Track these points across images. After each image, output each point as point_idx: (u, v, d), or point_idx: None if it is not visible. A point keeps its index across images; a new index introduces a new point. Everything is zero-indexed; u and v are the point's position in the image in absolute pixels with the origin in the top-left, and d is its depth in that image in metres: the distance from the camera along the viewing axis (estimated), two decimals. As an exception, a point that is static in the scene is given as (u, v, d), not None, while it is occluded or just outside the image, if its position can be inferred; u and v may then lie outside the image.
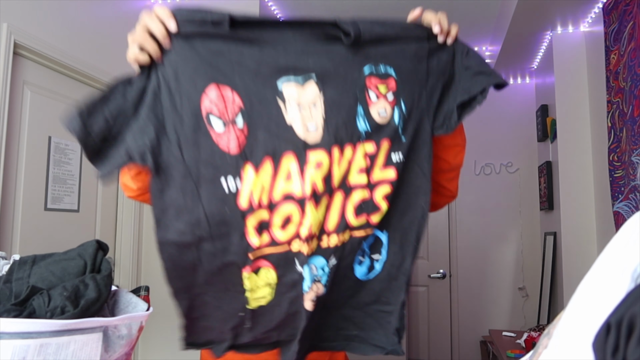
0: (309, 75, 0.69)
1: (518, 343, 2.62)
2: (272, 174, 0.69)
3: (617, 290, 0.40)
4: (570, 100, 2.96)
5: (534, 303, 3.62)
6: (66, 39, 2.38)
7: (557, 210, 3.04)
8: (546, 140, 3.40)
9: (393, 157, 0.75)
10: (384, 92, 0.74)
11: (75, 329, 0.65)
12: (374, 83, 0.73)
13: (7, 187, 2.10)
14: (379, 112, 0.74)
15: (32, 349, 0.60)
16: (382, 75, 0.74)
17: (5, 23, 2.02)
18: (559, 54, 3.01)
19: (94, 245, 0.76)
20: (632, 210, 2.20)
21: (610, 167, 2.43)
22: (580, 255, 2.85)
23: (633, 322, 0.34)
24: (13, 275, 0.71)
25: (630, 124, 2.19)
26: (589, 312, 0.41)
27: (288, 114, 0.69)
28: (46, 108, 2.33)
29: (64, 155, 2.43)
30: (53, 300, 0.66)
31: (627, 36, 2.23)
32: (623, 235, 0.43)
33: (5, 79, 2.03)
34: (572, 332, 0.42)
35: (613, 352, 0.35)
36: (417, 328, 3.86)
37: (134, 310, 0.80)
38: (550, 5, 2.65)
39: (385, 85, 0.74)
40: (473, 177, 3.89)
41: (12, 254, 1.19)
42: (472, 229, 3.87)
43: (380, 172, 0.75)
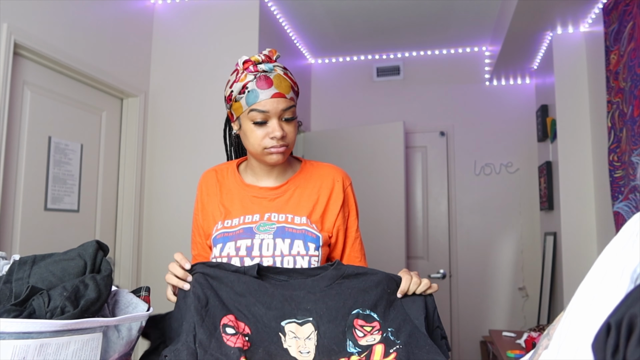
0: (308, 319, 0.89)
1: (518, 343, 2.62)
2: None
3: (616, 291, 0.40)
4: (570, 101, 2.96)
5: (534, 303, 3.62)
6: (66, 39, 2.38)
7: (557, 210, 3.04)
8: (546, 140, 3.40)
9: (390, 350, 0.87)
10: (369, 330, 0.91)
11: (75, 329, 0.65)
12: (359, 324, 0.91)
13: (7, 187, 2.10)
14: (367, 341, 0.90)
15: (32, 349, 0.60)
16: (367, 317, 0.92)
17: (5, 23, 2.02)
18: (559, 54, 3.01)
19: (94, 246, 0.76)
20: (632, 210, 2.20)
21: (610, 167, 2.43)
22: (580, 255, 2.85)
23: (633, 322, 0.34)
24: (13, 275, 0.71)
25: (630, 124, 2.19)
26: (589, 313, 0.41)
27: (286, 342, 0.87)
28: (46, 108, 2.33)
29: (64, 155, 2.43)
30: (53, 300, 0.66)
31: (627, 36, 2.23)
32: (622, 236, 0.43)
33: (5, 79, 2.03)
34: (572, 333, 0.42)
35: (613, 353, 0.35)
36: (417, 328, 3.87)
37: (134, 310, 0.80)
38: (550, 6, 2.65)
39: (370, 327, 0.91)
40: (473, 177, 3.89)
41: (12, 254, 1.19)
42: (472, 229, 3.87)
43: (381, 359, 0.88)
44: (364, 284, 0.93)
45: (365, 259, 1.28)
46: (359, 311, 0.90)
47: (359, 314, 0.90)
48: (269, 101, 1.10)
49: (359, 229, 1.28)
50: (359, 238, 1.28)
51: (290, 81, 1.14)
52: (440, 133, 3.96)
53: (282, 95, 1.11)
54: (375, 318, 0.90)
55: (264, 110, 1.10)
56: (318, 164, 1.28)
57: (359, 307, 0.91)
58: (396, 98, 4.07)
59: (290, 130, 1.14)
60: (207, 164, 2.83)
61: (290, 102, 1.13)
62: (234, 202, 1.21)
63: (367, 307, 0.90)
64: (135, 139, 2.88)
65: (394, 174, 3.59)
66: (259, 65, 1.12)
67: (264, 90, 1.10)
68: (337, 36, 3.75)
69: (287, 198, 1.20)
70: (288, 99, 1.12)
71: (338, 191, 1.22)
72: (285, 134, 1.12)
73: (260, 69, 1.11)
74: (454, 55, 4.02)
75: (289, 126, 1.14)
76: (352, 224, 1.26)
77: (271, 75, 1.11)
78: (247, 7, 2.98)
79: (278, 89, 1.10)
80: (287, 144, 1.14)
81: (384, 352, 0.87)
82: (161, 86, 3.04)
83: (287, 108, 1.11)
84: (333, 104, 4.17)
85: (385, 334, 0.89)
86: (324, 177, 1.23)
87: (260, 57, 1.12)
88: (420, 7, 3.28)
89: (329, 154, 3.68)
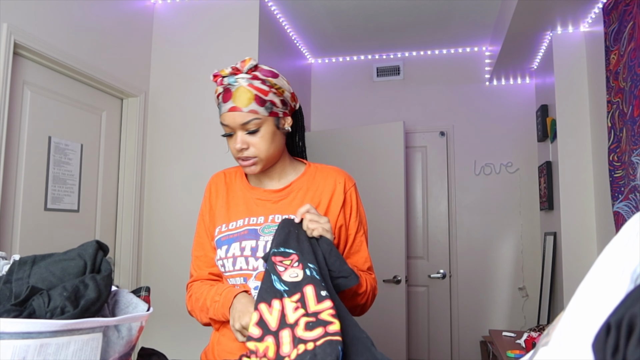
0: None
1: (518, 343, 2.62)
2: None
3: (616, 291, 0.40)
4: (570, 100, 2.96)
5: (534, 303, 3.62)
6: (66, 39, 2.38)
7: (557, 210, 3.04)
8: (546, 140, 3.40)
9: (322, 293, 0.91)
10: (288, 263, 0.98)
11: (75, 329, 0.65)
12: (278, 260, 0.99)
13: (7, 187, 2.10)
14: (291, 276, 0.95)
15: (32, 349, 0.60)
16: (284, 253, 1.00)
17: (5, 23, 2.02)
18: (559, 54, 3.01)
19: (94, 246, 0.76)
20: (632, 210, 2.20)
21: (610, 167, 2.43)
22: (580, 255, 2.85)
23: (633, 322, 0.34)
24: (13, 275, 0.71)
25: (630, 124, 2.19)
26: (589, 313, 0.41)
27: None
28: (46, 108, 2.33)
29: (64, 155, 2.43)
30: (53, 300, 0.66)
31: (627, 36, 2.23)
32: (623, 235, 0.43)
33: (5, 79, 2.03)
34: (572, 333, 0.42)
35: (613, 353, 0.35)
36: (417, 328, 3.86)
37: (134, 310, 0.80)
38: (550, 5, 2.65)
39: (289, 260, 0.99)
40: (473, 177, 3.89)
41: (12, 254, 1.19)
42: (472, 229, 3.87)
43: (316, 305, 0.90)
44: (277, 230, 1.05)
45: (367, 265, 1.23)
46: (274, 250, 1.00)
47: (275, 252, 1.00)
48: (227, 115, 1.13)
49: (362, 234, 1.25)
50: (362, 244, 1.24)
51: (255, 91, 1.11)
52: (440, 133, 3.96)
53: (237, 109, 1.11)
54: (290, 252, 1.00)
55: (225, 124, 1.14)
56: (322, 167, 1.27)
57: (272, 248, 1.01)
58: (396, 98, 4.07)
59: (256, 142, 1.14)
60: (207, 164, 2.85)
61: (249, 115, 1.11)
62: (239, 205, 1.23)
63: (280, 246, 1.01)
64: (135, 139, 2.88)
65: (394, 174, 3.59)
66: (224, 78, 1.13)
67: (224, 104, 1.13)
68: (337, 36, 3.75)
69: (291, 200, 1.20)
70: (246, 113, 1.11)
71: (339, 193, 1.22)
72: (247, 147, 1.14)
73: (225, 82, 1.13)
74: (454, 55, 4.03)
75: (253, 138, 1.14)
76: (352, 227, 1.23)
77: (233, 88, 1.12)
78: (247, 7, 2.98)
79: (235, 103, 1.11)
80: (257, 156, 1.15)
81: (315, 295, 0.91)
82: (161, 86, 3.04)
83: (245, 122, 1.11)
84: (333, 104, 4.17)
85: (308, 270, 0.96)
86: (327, 179, 1.23)
87: (227, 70, 1.13)
88: (420, 7, 3.28)
89: (329, 154, 3.68)
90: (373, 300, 1.22)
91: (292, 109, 1.22)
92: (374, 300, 1.23)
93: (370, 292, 1.20)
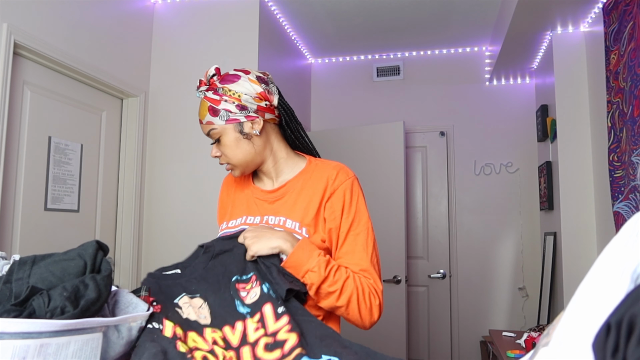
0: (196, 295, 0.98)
1: (518, 343, 2.62)
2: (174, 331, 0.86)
3: (616, 290, 0.40)
4: (570, 100, 2.96)
5: (534, 303, 3.62)
6: (66, 39, 2.38)
7: (557, 210, 3.04)
8: (546, 140, 3.40)
9: (279, 310, 0.93)
10: (250, 287, 1.00)
11: (75, 329, 0.65)
12: (241, 286, 1.01)
13: (7, 187, 2.10)
14: (251, 297, 0.97)
15: (32, 349, 0.60)
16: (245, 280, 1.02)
17: (5, 23, 2.02)
18: (559, 54, 3.01)
19: (94, 246, 0.76)
20: (632, 210, 2.20)
21: (610, 167, 2.43)
22: (580, 255, 2.85)
23: (633, 322, 0.34)
24: (13, 275, 0.71)
25: (630, 124, 2.19)
26: (589, 313, 0.41)
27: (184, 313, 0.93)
28: (46, 108, 2.33)
29: (64, 155, 2.43)
30: (53, 300, 0.66)
31: (627, 36, 2.23)
32: (623, 235, 0.43)
33: (5, 79, 2.03)
34: (572, 333, 0.42)
35: (613, 353, 0.35)
36: (417, 328, 3.87)
37: (134, 310, 0.80)
38: (550, 5, 2.65)
39: (250, 283, 1.00)
40: (473, 177, 3.89)
41: (12, 254, 1.19)
42: (472, 229, 3.87)
43: (275, 324, 0.91)
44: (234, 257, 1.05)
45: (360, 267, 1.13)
46: (237, 277, 1.01)
47: (238, 279, 1.01)
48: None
49: (358, 233, 1.15)
50: (357, 244, 1.15)
51: (209, 102, 1.15)
52: (440, 133, 3.96)
53: (200, 121, 1.18)
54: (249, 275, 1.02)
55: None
56: (322, 163, 1.23)
57: (236, 275, 1.02)
58: (396, 98, 4.07)
59: (225, 150, 1.17)
60: (207, 164, 2.85)
61: (207, 126, 1.17)
62: (242, 203, 1.25)
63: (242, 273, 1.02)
64: (135, 139, 2.88)
65: (394, 174, 3.59)
66: (196, 91, 1.20)
67: None
68: (337, 36, 3.75)
69: (284, 201, 1.20)
70: (204, 124, 1.17)
71: (329, 191, 1.16)
72: (219, 155, 1.19)
73: (197, 95, 1.20)
74: (454, 55, 4.03)
75: (223, 147, 1.17)
76: (343, 225, 1.15)
77: (199, 101, 1.20)
78: (247, 7, 2.98)
79: (199, 116, 1.19)
80: (230, 162, 1.18)
81: (274, 313, 0.93)
82: (161, 86, 3.04)
83: (207, 132, 1.17)
84: (333, 104, 4.17)
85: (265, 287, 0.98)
86: (321, 177, 1.19)
87: (198, 83, 1.19)
88: (420, 7, 3.28)
89: (329, 154, 3.67)
90: (371, 303, 1.11)
91: (264, 109, 1.17)
92: (378, 306, 1.12)
93: (357, 294, 1.08)
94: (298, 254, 1.04)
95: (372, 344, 3.38)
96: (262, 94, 1.16)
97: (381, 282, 1.16)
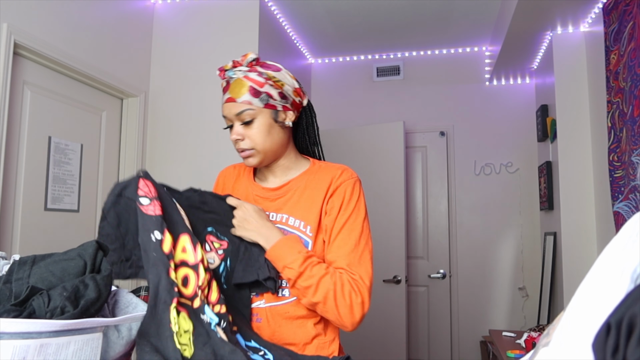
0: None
1: (518, 343, 2.63)
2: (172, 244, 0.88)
3: (616, 290, 0.40)
4: (570, 100, 2.96)
5: (534, 303, 3.62)
6: (66, 39, 2.38)
7: (557, 210, 3.04)
8: (546, 140, 3.40)
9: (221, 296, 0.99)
10: (217, 247, 1.08)
11: (75, 329, 0.65)
12: (210, 239, 1.08)
13: (7, 187, 2.10)
14: (208, 260, 1.01)
15: (32, 349, 0.60)
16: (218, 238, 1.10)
17: (5, 23, 2.02)
18: (559, 54, 3.01)
19: (93, 246, 0.76)
20: (632, 210, 2.20)
21: (610, 167, 2.43)
22: (580, 255, 2.85)
23: (633, 322, 0.34)
24: (13, 275, 0.71)
25: (630, 124, 2.19)
26: (589, 313, 0.41)
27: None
28: (46, 108, 2.33)
29: (64, 155, 2.43)
30: (53, 300, 0.66)
31: (627, 36, 2.23)
32: (623, 236, 0.43)
33: (5, 79, 2.03)
34: (572, 333, 0.42)
35: (613, 353, 0.35)
36: (417, 328, 3.86)
37: (134, 310, 0.80)
38: (550, 5, 2.65)
39: (219, 243, 1.09)
40: (473, 177, 3.89)
41: (12, 254, 1.19)
42: (472, 229, 3.87)
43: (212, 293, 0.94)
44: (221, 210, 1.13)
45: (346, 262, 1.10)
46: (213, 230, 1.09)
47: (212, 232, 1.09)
48: (224, 106, 1.16)
49: (352, 230, 1.14)
50: (347, 241, 1.12)
51: (251, 82, 1.13)
52: (440, 133, 3.96)
53: (232, 99, 1.14)
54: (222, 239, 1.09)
55: (224, 116, 1.16)
56: (327, 165, 1.24)
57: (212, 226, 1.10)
58: (396, 98, 4.07)
59: (251, 133, 1.15)
60: (207, 163, 2.85)
61: (243, 105, 1.12)
62: (240, 198, 1.24)
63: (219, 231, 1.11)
64: (135, 139, 2.88)
65: (394, 174, 3.59)
66: (226, 72, 1.17)
67: (223, 95, 1.16)
68: (337, 36, 3.75)
69: (287, 199, 1.20)
70: (239, 103, 1.13)
71: (332, 188, 1.17)
72: (243, 138, 1.15)
73: (226, 75, 1.16)
74: (454, 55, 4.02)
75: (248, 129, 1.15)
76: (339, 221, 1.14)
77: (231, 80, 1.15)
78: (247, 7, 2.98)
79: (230, 94, 1.14)
80: (253, 147, 1.16)
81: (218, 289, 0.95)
82: (161, 86, 3.04)
83: (239, 112, 1.13)
84: (333, 104, 4.17)
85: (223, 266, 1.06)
86: (326, 177, 1.19)
87: (230, 64, 1.17)
88: (420, 7, 3.28)
89: (329, 154, 3.66)
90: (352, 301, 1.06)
91: (297, 105, 1.20)
92: (361, 304, 1.07)
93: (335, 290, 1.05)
94: (276, 250, 1.08)
95: (372, 344, 3.42)
96: (298, 90, 1.20)
97: (369, 281, 1.11)
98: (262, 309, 1.13)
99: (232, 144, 1.20)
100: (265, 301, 1.13)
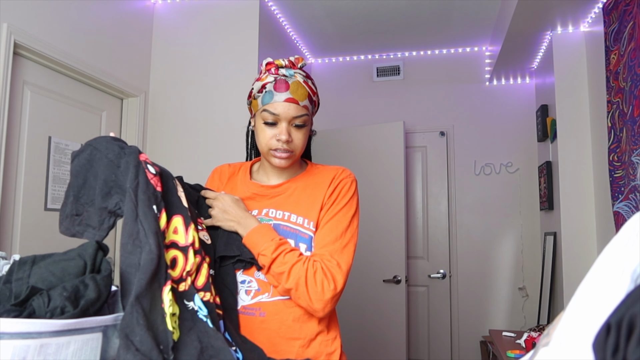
0: None
1: (518, 343, 2.63)
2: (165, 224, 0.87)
3: (616, 290, 0.40)
4: (570, 100, 2.96)
5: (534, 303, 3.62)
6: (66, 39, 2.38)
7: (557, 210, 3.04)
8: (546, 140, 3.40)
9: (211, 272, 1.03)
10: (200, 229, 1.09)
11: (75, 329, 0.65)
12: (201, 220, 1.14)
13: (7, 187, 2.10)
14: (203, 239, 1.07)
15: (32, 349, 0.60)
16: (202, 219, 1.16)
17: (5, 23, 2.02)
18: (559, 54, 3.01)
19: (93, 246, 0.76)
20: (632, 210, 2.20)
21: (610, 167, 2.43)
22: (580, 255, 2.85)
23: (633, 322, 0.34)
24: (13, 275, 0.71)
25: (630, 124, 2.19)
26: (589, 313, 0.41)
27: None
28: (46, 108, 2.33)
29: (64, 155, 2.43)
30: (53, 300, 0.66)
31: (627, 36, 2.23)
32: (623, 235, 0.43)
33: (5, 79, 2.03)
34: (572, 333, 0.42)
35: (613, 353, 0.35)
36: (417, 328, 3.87)
37: (134, 310, 0.80)
38: (550, 5, 2.65)
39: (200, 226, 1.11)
40: (473, 177, 3.89)
41: (12, 254, 1.19)
42: (472, 229, 3.87)
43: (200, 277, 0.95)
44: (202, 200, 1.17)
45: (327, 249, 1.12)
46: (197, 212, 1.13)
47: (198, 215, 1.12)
48: (281, 104, 1.14)
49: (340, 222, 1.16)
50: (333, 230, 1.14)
51: (308, 90, 1.17)
52: (440, 133, 3.96)
53: (294, 101, 1.14)
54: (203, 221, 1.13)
55: (275, 113, 1.14)
56: (324, 167, 1.28)
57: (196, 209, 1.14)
58: (396, 98, 4.07)
59: (298, 137, 1.17)
60: (207, 163, 2.84)
61: (303, 109, 1.15)
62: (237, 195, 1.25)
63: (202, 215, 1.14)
64: (135, 139, 2.88)
65: (394, 174, 3.59)
66: (280, 69, 1.16)
67: (279, 93, 1.14)
68: (337, 36, 3.75)
69: (287, 196, 1.21)
70: (301, 106, 1.15)
71: (333, 186, 1.21)
72: (292, 140, 1.16)
73: (280, 72, 1.16)
74: (454, 55, 4.03)
75: (297, 133, 1.17)
76: (330, 211, 1.17)
77: (290, 80, 1.15)
78: (247, 7, 2.98)
79: (292, 95, 1.14)
80: (293, 150, 1.17)
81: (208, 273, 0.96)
82: (161, 86, 3.04)
83: (299, 115, 1.15)
84: (333, 104, 4.17)
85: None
86: (327, 176, 1.23)
87: (284, 62, 1.17)
88: (420, 7, 3.28)
89: (329, 154, 3.68)
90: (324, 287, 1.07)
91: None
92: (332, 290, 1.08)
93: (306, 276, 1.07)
94: (251, 237, 1.10)
95: (373, 344, 3.43)
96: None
97: (347, 268, 1.12)
98: (265, 303, 1.12)
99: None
100: (270, 295, 1.12)
